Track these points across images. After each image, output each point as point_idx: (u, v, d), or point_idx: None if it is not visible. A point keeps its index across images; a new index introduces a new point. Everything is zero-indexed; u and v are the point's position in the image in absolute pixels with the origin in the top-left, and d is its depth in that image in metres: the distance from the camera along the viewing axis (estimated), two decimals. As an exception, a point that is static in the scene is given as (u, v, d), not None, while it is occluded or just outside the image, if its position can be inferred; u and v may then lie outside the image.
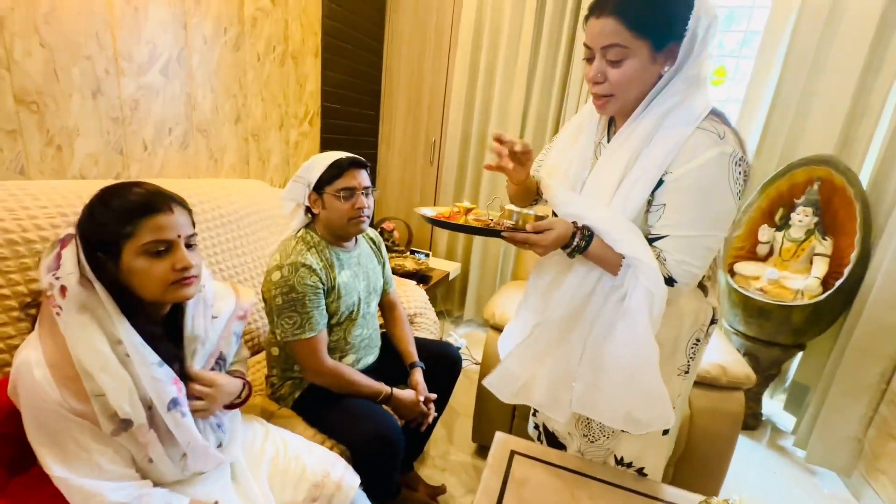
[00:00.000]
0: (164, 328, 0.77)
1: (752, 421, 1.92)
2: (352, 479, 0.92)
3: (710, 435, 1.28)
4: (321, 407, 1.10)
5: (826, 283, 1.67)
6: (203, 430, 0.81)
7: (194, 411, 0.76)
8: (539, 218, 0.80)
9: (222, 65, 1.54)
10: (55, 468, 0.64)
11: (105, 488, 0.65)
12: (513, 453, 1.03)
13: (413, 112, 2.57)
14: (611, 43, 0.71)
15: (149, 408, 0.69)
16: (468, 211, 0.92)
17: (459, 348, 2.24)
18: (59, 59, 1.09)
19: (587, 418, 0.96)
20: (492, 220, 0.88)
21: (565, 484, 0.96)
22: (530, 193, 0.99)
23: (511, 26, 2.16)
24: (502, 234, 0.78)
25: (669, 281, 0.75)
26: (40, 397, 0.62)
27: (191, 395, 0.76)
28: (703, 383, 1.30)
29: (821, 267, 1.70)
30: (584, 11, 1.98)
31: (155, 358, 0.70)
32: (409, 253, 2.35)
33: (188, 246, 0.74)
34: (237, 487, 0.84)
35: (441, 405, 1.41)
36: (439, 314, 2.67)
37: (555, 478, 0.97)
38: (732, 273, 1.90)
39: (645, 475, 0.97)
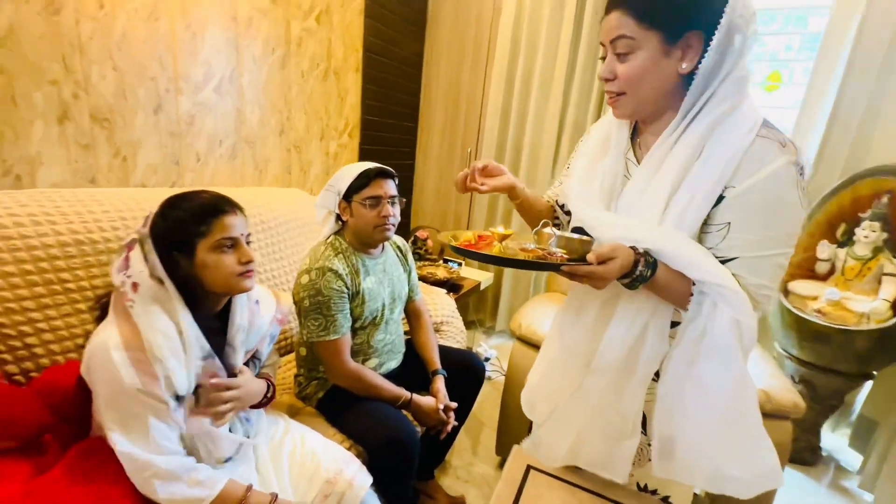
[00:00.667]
0: (222, 324, 0.87)
1: (810, 456, 1.75)
2: (364, 478, 0.94)
3: (751, 466, 1.18)
4: (342, 408, 1.14)
5: (897, 306, 1.50)
6: (232, 422, 0.89)
7: (222, 414, 0.84)
8: (588, 244, 0.71)
9: (269, 82, 1.66)
10: (118, 438, 0.71)
11: (157, 460, 0.72)
12: (529, 468, 1.01)
13: (450, 122, 2.61)
14: (617, 35, 0.66)
15: (194, 391, 0.79)
16: (503, 237, 0.80)
17: (488, 359, 2.22)
18: (127, 81, 1.23)
19: None
20: (530, 246, 0.76)
21: (579, 502, 0.92)
22: (539, 214, 0.93)
23: (548, 35, 2.16)
24: (562, 268, 0.67)
25: None
26: (115, 376, 0.70)
27: (214, 401, 0.83)
28: (743, 409, 1.21)
29: (890, 288, 1.53)
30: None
31: (200, 353, 0.79)
32: (441, 262, 2.37)
33: (247, 243, 0.84)
34: (259, 477, 0.89)
35: (463, 415, 1.41)
36: (471, 324, 2.67)
37: (570, 496, 0.94)
38: (787, 292, 1.75)
39: None
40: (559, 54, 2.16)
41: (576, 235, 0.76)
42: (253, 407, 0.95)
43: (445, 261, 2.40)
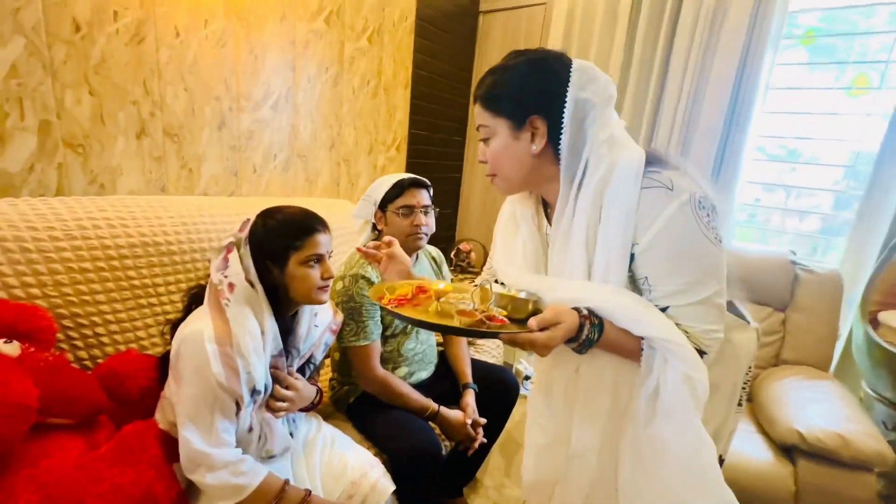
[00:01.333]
0: (285, 326, 0.94)
1: (907, 518, 1.48)
2: (386, 484, 0.94)
3: (824, 523, 1.02)
4: (370, 414, 1.15)
5: None
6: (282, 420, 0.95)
7: (276, 411, 0.90)
8: (534, 303, 0.70)
9: (322, 99, 1.77)
10: (184, 423, 0.76)
11: (213, 452, 0.77)
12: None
13: (497, 137, 2.61)
14: (479, 124, 0.74)
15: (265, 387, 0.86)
16: (441, 294, 0.73)
17: (529, 377, 2.15)
18: (196, 100, 1.36)
19: None
20: (472, 306, 0.69)
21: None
22: None
23: (599, 51, 2.10)
24: (500, 336, 0.64)
25: (700, 354, 0.65)
26: (204, 366, 0.75)
27: (276, 397, 0.90)
28: (813, 454, 1.06)
29: None
30: (681, 33, 1.85)
31: (274, 351, 0.87)
32: (484, 275, 2.35)
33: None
34: (293, 472, 0.93)
35: (494, 432, 1.37)
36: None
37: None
38: (876, 324, 1.53)
39: None
40: (610, 69, 2.09)
41: (521, 293, 0.72)
42: (301, 410, 1.00)
43: (488, 274, 2.38)
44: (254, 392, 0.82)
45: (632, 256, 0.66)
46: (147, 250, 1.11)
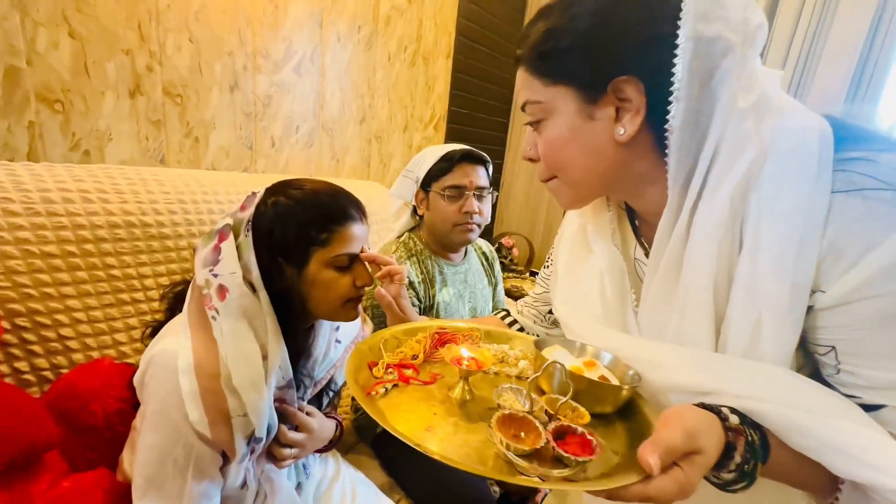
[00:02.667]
0: (307, 344, 0.70)
1: None
2: None
3: None
4: (402, 453, 0.90)
5: None
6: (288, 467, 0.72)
7: (282, 460, 0.66)
8: (630, 393, 0.44)
9: (353, 64, 1.51)
10: (142, 491, 0.54)
11: None
12: None
13: (547, 118, 2.30)
14: (524, 100, 0.49)
15: (268, 431, 0.61)
16: (468, 374, 0.47)
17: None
18: (204, 55, 1.13)
19: None
20: (522, 393, 0.45)
21: None
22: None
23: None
24: (588, 491, 0.39)
25: None
26: (173, 409, 0.53)
27: (282, 442, 0.65)
28: None
29: None
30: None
31: (280, 382, 0.62)
32: (528, 274, 2.06)
33: None
34: None
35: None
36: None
37: None
38: None
39: None
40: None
41: (608, 371, 0.46)
42: (316, 451, 0.76)
43: (533, 273, 2.09)
44: (252, 439, 0.58)
45: (809, 309, 0.38)
46: (132, 232, 0.89)
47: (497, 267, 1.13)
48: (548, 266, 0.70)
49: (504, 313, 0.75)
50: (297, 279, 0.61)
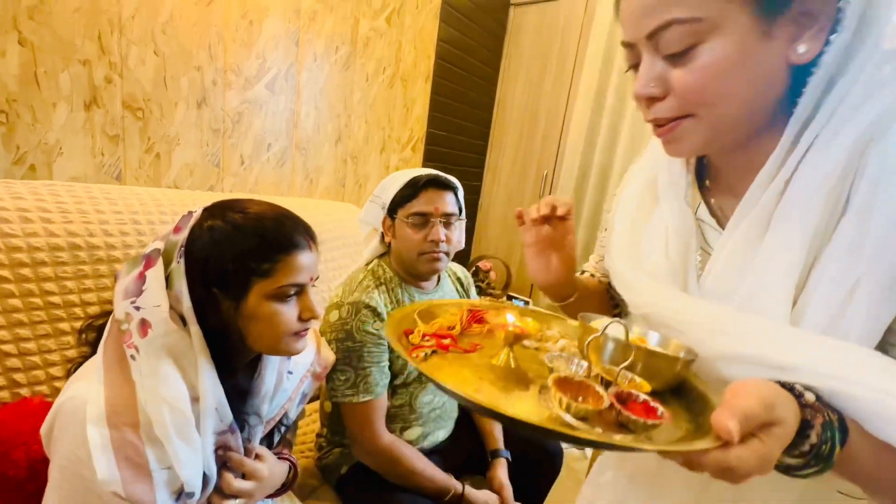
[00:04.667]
0: (248, 381, 0.63)
1: None
2: None
3: None
4: (370, 496, 0.84)
5: None
6: None
7: None
8: (685, 363, 0.40)
9: (330, 83, 1.49)
10: None
11: None
12: None
13: (525, 142, 2.33)
14: (666, 21, 0.37)
15: (204, 482, 0.54)
16: (518, 337, 0.45)
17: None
18: (169, 68, 1.08)
19: None
20: (578, 367, 0.42)
21: None
22: (602, 311, 0.59)
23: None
24: (660, 453, 0.33)
25: None
26: (79, 464, 0.46)
27: (227, 492, 0.58)
28: None
29: None
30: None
31: (218, 426, 0.55)
32: (505, 298, 2.04)
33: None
34: None
35: (529, 516, 1.04)
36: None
37: None
38: None
39: None
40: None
41: (659, 348, 0.43)
42: (267, 497, 0.68)
43: (510, 297, 2.07)
44: (182, 495, 0.51)
45: None
46: (76, 255, 0.81)
47: (473, 292, 1.10)
48: (605, 230, 0.64)
49: (587, 275, 0.68)
50: (234, 312, 0.55)
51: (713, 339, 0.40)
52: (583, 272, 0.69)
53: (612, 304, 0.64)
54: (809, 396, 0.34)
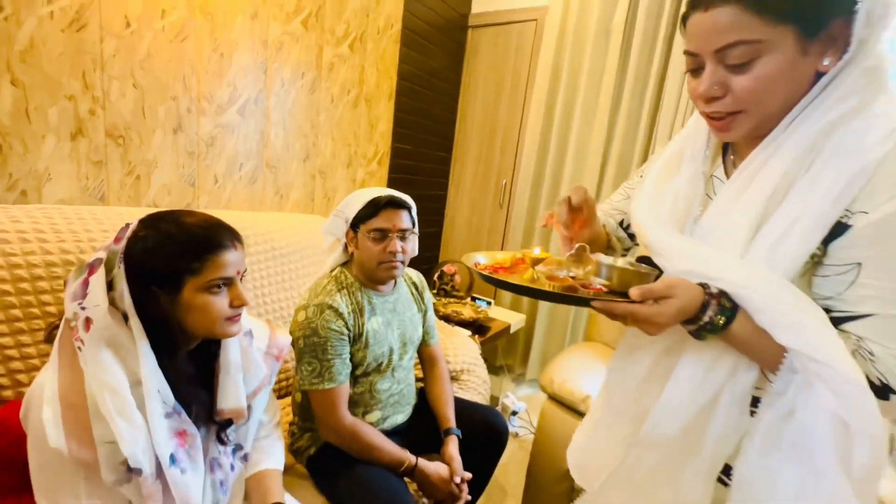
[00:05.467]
0: (194, 366, 0.74)
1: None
2: None
3: None
4: (334, 470, 0.97)
5: None
6: (203, 487, 0.72)
7: None
8: (645, 277, 0.58)
9: (297, 106, 1.62)
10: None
11: None
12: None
13: (485, 154, 2.51)
14: (733, 41, 0.49)
15: (157, 458, 0.63)
16: (537, 262, 0.67)
17: (516, 412, 1.98)
18: (147, 99, 1.20)
19: None
20: (570, 275, 0.61)
21: None
22: (598, 248, 0.76)
23: (592, 63, 2.03)
24: (592, 304, 0.53)
25: (884, 391, 0.47)
26: (42, 437, 0.57)
27: None
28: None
29: None
30: (677, 50, 1.79)
31: (162, 408, 0.65)
32: (469, 300, 2.20)
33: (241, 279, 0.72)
34: None
35: (480, 486, 1.19)
36: (499, 369, 2.44)
37: None
38: None
39: None
40: (604, 83, 2.02)
41: (632, 266, 0.61)
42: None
43: (473, 299, 2.23)
44: (131, 470, 0.60)
45: (843, 230, 0.49)
46: (69, 270, 0.92)
47: (427, 295, 1.24)
48: (640, 176, 0.79)
49: None
50: (172, 305, 0.65)
51: (679, 260, 0.57)
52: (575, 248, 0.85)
53: (609, 243, 0.81)
54: (714, 290, 0.52)
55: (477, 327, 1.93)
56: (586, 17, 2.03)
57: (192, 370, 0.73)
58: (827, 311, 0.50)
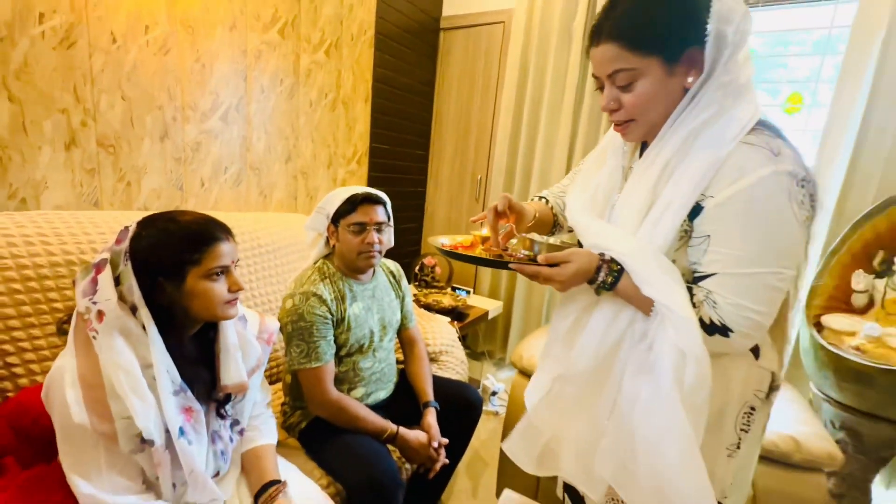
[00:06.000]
0: (196, 348, 0.83)
1: (859, 516, 1.53)
2: None
3: (781, 526, 1.03)
4: (323, 440, 1.08)
5: (951, 345, 1.33)
6: (207, 456, 0.83)
7: None
8: (556, 248, 0.73)
9: (277, 111, 1.71)
10: (69, 472, 0.68)
11: (108, 499, 0.68)
12: (518, 515, 0.91)
13: (460, 151, 2.62)
14: (617, 69, 0.64)
15: (167, 430, 0.73)
16: (484, 240, 0.84)
17: (496, 393, 2.11)
18: (135, 110, 1.28)
19: None
20: (506, 250, 0.79)
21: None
22: (546, 225, 0.92)
23: (556, 63, 2.16)
24: (510, 265, 0.70)
25: (723, 330, 0.61)
26: (67, 414, 0.66)
27: None
28: (768, 458, 1.07)
29: (940, 324, 1.36)
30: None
31: (171, 386, 0.74)
32: (449, 289, 2.32)
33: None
34: None
35: (458, 452, 1.32)
36: (481, 355, 2.57)
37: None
38: (820, 327, 1.60)
39: None
40: (568, 81, 2.15)
41: (553, 240, 0.78)
42: None
43: (454, 289, 2.35)
44: (144, 441, 0.68)
45: (700, 210, 0.62)
46: (72, 270, 1.01)
47: (404, 283, 1.36)
48: (576, 172, 0.94)
49: (544, 200, 0.97)
50: (177, 294, 0.74)
51: (591, 237, 0.73)
52: (541, 198, 0.98)
53: (555, 221, 0.95)
54: (607, 257, 0.68)
55: (457, 314, 2.05)
56: (549, 20, 2.16)
57: (194, 353, 0.83)
58: (694, 272, 0.66)
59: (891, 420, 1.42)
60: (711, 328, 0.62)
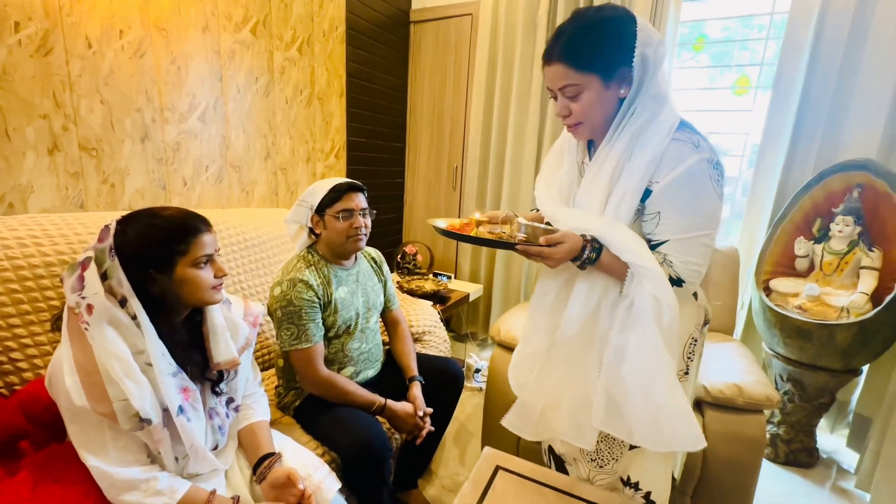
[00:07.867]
0: (186, 333, 0.89)
1: (806, 458, 1.71)
2: (331, 483, 0.96)
3: (729, 462, 1.17)
4: (316, 415, 1.17)
5: (877, 299, 1.50)
6: (205, 431, 0.90)
7: None
8: (549, 231, 0.85)
9: (254, 109, 1.76)
10: (80, 450, 0.75)
11: (113, 471, 0.74)
12: (497, 468, 1.02)
13: (436, 141, 2.70)
14: (564, 84, 0.80)
15: (164, 410, 0.79)
16: (480, 223, 0.95)
17: (479, 370, 2.23)
18: (115, 113, 1.32)
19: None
20: (503, 232, 0.91)
21: (547, 502, 0.93)
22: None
23: (523, 54, 2.25)
24: (516, 246, 0.82)
25: (678, 282, 0.79)
26: (70, 399, 0.72)
27: None
28: (716, 405, 1.21)
29: (868, 281, 1.53)
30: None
31: (169, 369, 0.80)
32: (431, 276, 2.41)
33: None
34: (226, 480, 0.91)
35: (443, 421, 1.42)
36: (465, 336, 2.68)
37: (537, 496, 0.95)
38: (768, 291, 1.75)
39: (653, 502, 0.93)
40: (535, 70, 2.24)
41: (541, 225, 0.87)
42: None
43: (435, 274, 2.44)
44: (143, 420, 0.74)
45: (649, 193, 0.78)
46: (51, 270, 1.06)
47: (385, 268, 1.44)
48: (542, 170, 1.06)
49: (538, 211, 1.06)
50: (168, 283, 0.79)
51: (566, 222, 0.85)
52: (536, 210, 1.11)
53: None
54: (589, 237, 0.81)
55: (439, 298, 2.15)
56: (514, 12, 2.24)
57: (185, 337, 0.89)
58: (648, 241, 0.81)
59: (827, 368, 1.59)
60: (672, 282, 0.79)
